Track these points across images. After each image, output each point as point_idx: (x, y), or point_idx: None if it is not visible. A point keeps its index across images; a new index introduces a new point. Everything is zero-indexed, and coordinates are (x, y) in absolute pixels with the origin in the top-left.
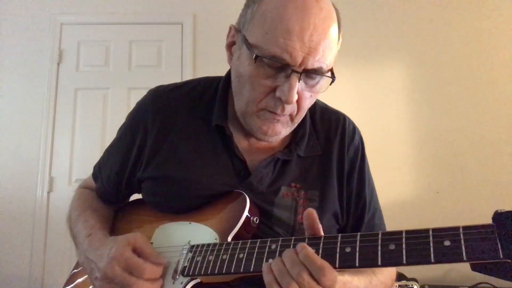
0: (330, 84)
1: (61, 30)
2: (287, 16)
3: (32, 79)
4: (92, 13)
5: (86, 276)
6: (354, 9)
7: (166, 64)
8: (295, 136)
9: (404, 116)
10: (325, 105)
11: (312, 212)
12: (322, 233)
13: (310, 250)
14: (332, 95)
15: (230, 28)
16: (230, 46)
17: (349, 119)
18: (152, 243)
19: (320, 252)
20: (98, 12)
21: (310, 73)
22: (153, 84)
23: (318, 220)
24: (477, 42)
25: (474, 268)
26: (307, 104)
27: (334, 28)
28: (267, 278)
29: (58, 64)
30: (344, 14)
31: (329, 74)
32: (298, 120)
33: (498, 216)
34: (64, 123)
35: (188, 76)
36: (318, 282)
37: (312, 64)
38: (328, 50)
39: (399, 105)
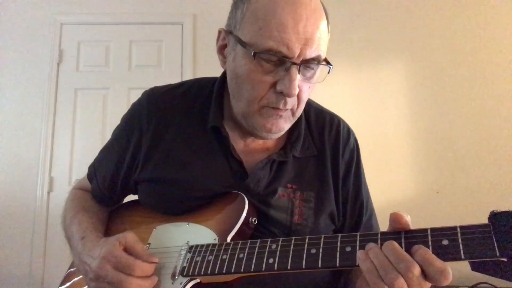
0: (328, 73)
1: (61, 30)
2: (279, 10)
3: (32, 79)
4: (92, 13)
5: (81, 276)
6: (354, 9)
7: (166, 64)
8: (291, 137)
9: (404, 116)
10: (320, 106)
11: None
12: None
13: (425, 249)
14: (333, 95)
15: (220, 32)
16: (221, 49)
17: (344, 122)
18: (149, 244)
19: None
20: (98, 12)
21: (309, 63)
22: (153, 84)
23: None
24: (478, 42)
25: (474, 268)
26: (306, 96)
27: (324, 17)
28: (364, 265)
29: (58, 64)
30: (344, 14)
31: (325, 63)
32: (298, 113)
33: (494, 216)
34: (64, 123)
35: (188, 76)
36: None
37: (310, 54)
38: (322, 39)
39: (399, 105)
